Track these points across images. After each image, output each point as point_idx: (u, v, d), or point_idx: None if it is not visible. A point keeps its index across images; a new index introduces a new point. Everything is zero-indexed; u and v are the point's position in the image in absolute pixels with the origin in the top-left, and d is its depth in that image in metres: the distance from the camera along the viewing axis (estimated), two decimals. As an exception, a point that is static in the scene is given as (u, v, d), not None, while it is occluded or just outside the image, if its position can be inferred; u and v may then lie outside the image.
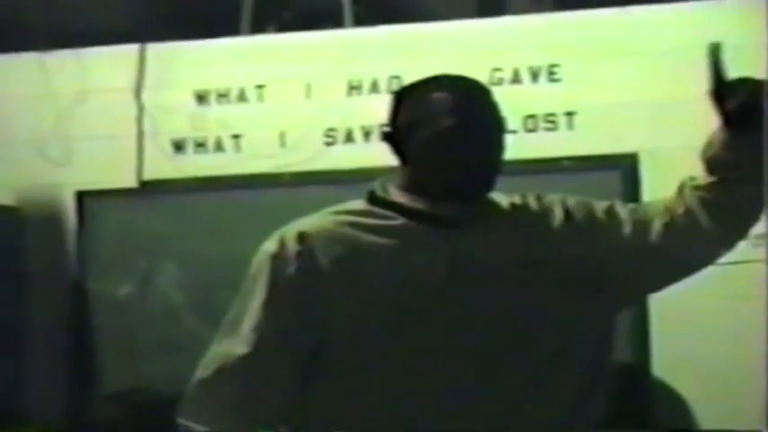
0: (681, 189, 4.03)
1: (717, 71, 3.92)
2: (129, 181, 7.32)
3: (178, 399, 5.45)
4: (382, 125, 3.91)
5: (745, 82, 3.91)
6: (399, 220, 3.74)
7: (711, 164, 3.95)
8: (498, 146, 3.80)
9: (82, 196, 7.33)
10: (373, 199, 3.78)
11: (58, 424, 6.94)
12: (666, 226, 3.90)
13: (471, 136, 3.76)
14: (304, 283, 3.65)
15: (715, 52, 3.92)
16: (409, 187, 3.76)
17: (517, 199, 3.87)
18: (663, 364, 6.78)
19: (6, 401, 6.04)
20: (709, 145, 3.96)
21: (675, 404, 6.70)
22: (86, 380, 7.16)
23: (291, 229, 3.74)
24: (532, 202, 3.88)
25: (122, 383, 6.46)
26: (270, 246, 3.73)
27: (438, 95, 3.78)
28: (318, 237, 3.70)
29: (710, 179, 3.95)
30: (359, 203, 3.79)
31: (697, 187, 3.97)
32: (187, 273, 7.10)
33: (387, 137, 3.78)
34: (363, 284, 3.68)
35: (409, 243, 3.73)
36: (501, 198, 3.87)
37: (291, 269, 3.66)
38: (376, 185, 3.79)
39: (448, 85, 3.85)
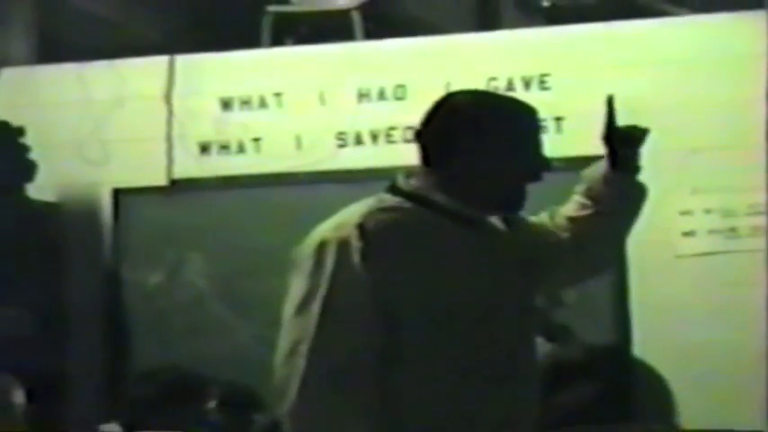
0: (552, 217, 4.23)
1: (610, 119, 4.26)
2: (160, 180, 7.32)
3: (202, 377, 5.46)
4: (408, 127, 3.96)
5: (632, 130, 4.33)
6: (432, 215, 3.76)
7: (591, 194, 4.25)
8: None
9: (117, 194, 7.37)
10: (403, 194, 3.77)
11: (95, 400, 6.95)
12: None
13: (521, 156, 3.95)
14: (368, 268, 3.59)
15: (610, 103, 4.25)
16: (447, 189, 3.78)
17: None
18: (644, 347, 6.73)
19: (49, 379, 5.99)
20: (591, 176, 4.29)
21: (656, 384, 6.68)
22: (120, 360, 7.21)
23: (348, 219, 3.69)
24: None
25: (152, 363, 6.44)
26: (333, 233, 3.66)
27: (500, 114, 3.95)
28: (375, 226, 3.66)
29: (587, 211, 4.21)
30: (388, 198, 3.77)
31: (571, 219, 4.20)
32: (212, 263, 7.11)
33: (420, 137, 3.84)
34: (421, 272, 3.66)
35: (452, 237, 3.76)
36: None
37: (356, 256, 3.60)
38: (402, 183, 3.79)
39: (506, 105, 4.08)
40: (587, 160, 6.71)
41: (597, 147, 6.72)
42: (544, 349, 5.05)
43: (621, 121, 6.68)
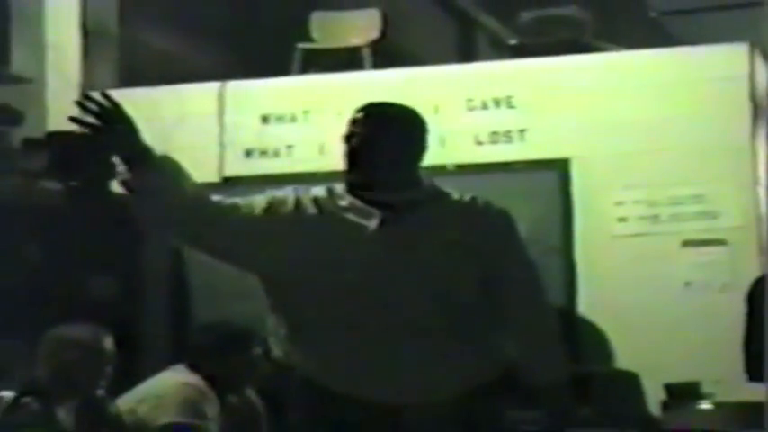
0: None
1: None
2: (214, 177, 7.27)
3: (249, 330, 5.40)
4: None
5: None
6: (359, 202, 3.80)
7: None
8: (394, 151, 3.84)
9: None
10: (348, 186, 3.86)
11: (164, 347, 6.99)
12: None
13: (369, 145, 3.83)
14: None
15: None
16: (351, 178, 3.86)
17: (466, 197, 3.91)
18: (588, 307, 6.80)
19: (130, 331, 5.99)
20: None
21: (596, 334, 6.75)
22: (183, 317, 7.22)
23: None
24: (471, 201, 3.89)
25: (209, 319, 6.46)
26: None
27: (354, 119, 3.89)
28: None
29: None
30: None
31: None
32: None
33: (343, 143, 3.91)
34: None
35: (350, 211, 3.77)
36: (451, 193, 3.91)
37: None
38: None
39: (369, 107, 3.94)
40: (545, 162, 6.89)
41: (552, 152, 6.88)
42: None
43: (570, 133, 6.83)
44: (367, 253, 3.70)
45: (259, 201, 3.86)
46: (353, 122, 3.89)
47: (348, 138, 3.87)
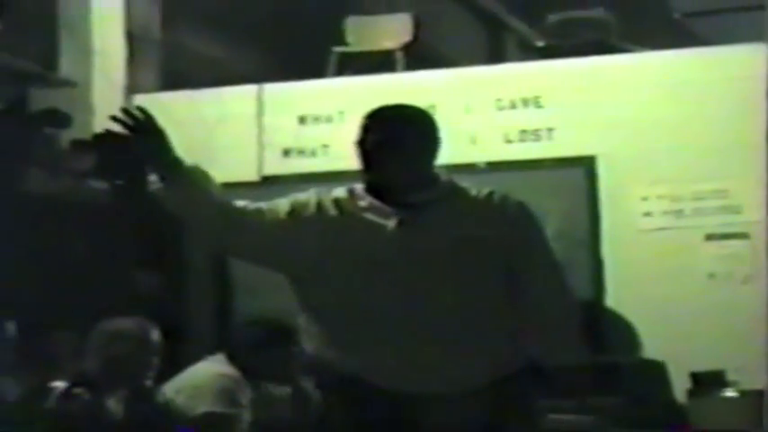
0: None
1: None
2: (253, 176, 7.33)
3: (291, 325, 5.39)
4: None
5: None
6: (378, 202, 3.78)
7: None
8: (407, 153, 3.80)
9: (224, 186, 7.25)
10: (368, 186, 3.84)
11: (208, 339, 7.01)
12: None
13: (384, 147, 3.79)
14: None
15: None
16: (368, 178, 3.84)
17: (483, 192, 3.87)
18: (616, 299, 6.79)
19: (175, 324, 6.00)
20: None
21: (624, 325, 6.74)
22: (225, 310, 7.24)
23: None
24: (488, 196, 3.85)
25: (252, 313, 6.45)
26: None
27: (368, 121, 3.86)
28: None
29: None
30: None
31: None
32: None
33: (356, 146, 3.87)
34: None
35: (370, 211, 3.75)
36: (469, 189, 3.88)
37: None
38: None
39: (381, 111, 3.90)
40: (572, 160, 6.87)
41: (579, 150, 6.87)
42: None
43: (597, 131, 6.81)
44: (387, 251, 3.70)
45: (282, 204, 3.86)
46: (367, 125, 3.88)
47: (363, 140, 3.85)
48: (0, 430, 3.77)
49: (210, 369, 5.55)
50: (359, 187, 3.85)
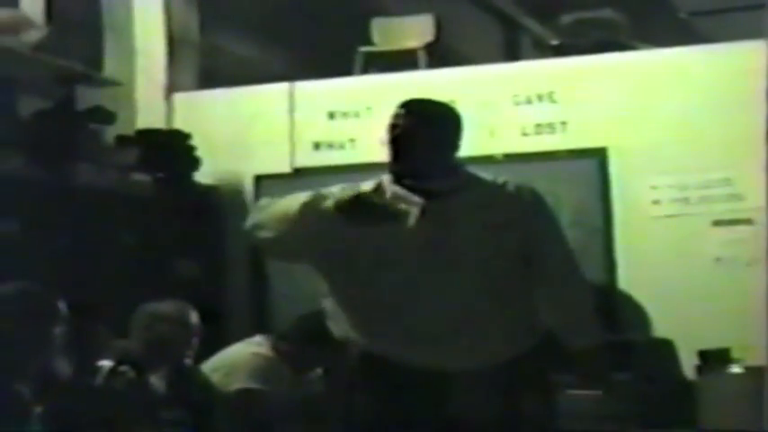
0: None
1: None
2: (286, 168, 7.33)
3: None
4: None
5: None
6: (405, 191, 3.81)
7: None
8: (433, 143, 3.82)
9: (258, 178, 7.37)
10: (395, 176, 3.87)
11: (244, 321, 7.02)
12: None
13: (412, 138, 3.82)
14: None
15: None
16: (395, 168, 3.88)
17: (499, 180, 3.92)
18: (627, 282, 6.76)
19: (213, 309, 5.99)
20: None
21: (635, 308, 6.71)
22: (260, 296, 7.27)
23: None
24: (503, 185, 3.91)
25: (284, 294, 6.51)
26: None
27: (396, 115, 3.90)
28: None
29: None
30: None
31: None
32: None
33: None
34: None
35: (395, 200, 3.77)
36: (485, 178, 3.93)
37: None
38: None
39: (408, 104, 3.94)
40: (585, 151, 6.86)
41: (592, 142, 6.85)
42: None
43: (607, 124, 6.79)
44: (412, 236, 3.71)
45: (304, 198, 3.87)
46: (395, 118, 3.91)
47: (391, 132, 3.88)
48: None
49: (246, 349, 5.58)
50: (385, 178, 3.87)
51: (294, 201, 3.84)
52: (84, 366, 4.72)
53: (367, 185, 3.87)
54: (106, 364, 4.73)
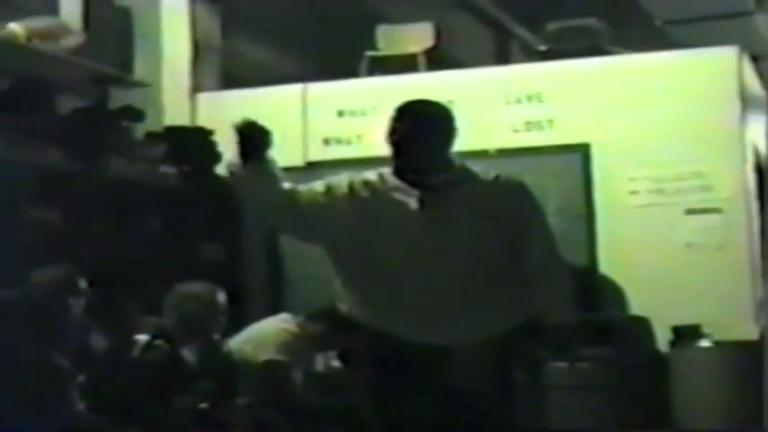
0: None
1: None
2: (299, 162, 7.29)
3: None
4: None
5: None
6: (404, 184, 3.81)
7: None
8: (433, 141, 3.85)
9: None
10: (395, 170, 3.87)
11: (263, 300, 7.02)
12: None
13: (414, 137, 3.83)
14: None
15: None
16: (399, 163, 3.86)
17: (490, 174, 3.93)
18: (607, 265, 6.79)
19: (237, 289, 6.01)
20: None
21: (614, 288, 6.74)
22: (277, 278, 7.24)
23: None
24: (495, 178, 3.91)
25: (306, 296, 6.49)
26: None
27: (402, 113, 3.90)
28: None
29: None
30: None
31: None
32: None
33: (387, 136, 3.91)
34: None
35: (396, 191, 3.79)
36: (478, 172, 3.93)
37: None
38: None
39: (410, 105, 3.94)
40: (570, 147, 6.88)
41: (576, 138, 6.87)
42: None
43: (590, 122, 6.81)
44: (412, 224, 3.73)
45: (318, 185, 3.92)
46: (397, 116, 3.91)
47: (393, 129, 3.89)
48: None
49: (273, 324, 5.61)
50: (387, 171, 3.88)
51: (311, 190, 3.89)
52: (121, 341, 4.77)
53: (370, 175, 3.89)
54: (142, 338, 4.78)
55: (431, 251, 3.73)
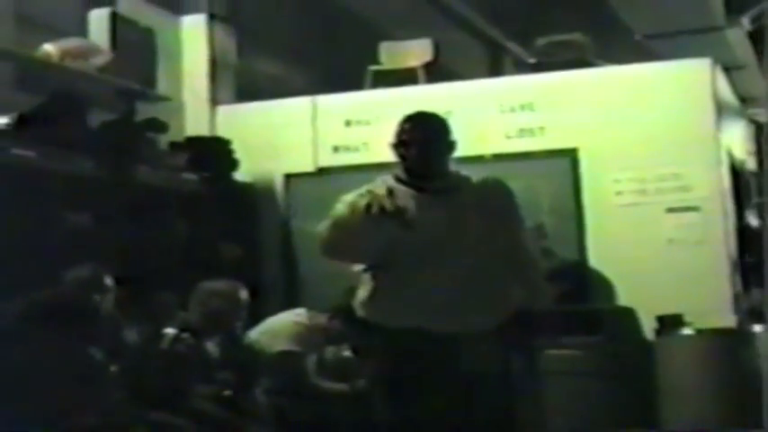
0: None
1: None
2: (310, 168, 7.32)
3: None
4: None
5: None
6: (406, 188, 3.81)
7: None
8: (438, 150, 3.85)
9: (287, 176, 7.38)
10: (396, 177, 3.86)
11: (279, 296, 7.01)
12: None
13: (421, 148, 3.82)
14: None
15: None
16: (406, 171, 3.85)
17: (480, 179, 3.94)
18: (596, 259, 6.77)
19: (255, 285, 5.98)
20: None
21: (602, 281, 6.72)
22: (291, 275, 7.22)
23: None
24: (483, 181, 3.94)
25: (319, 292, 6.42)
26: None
27: (409, 125, 3.88)
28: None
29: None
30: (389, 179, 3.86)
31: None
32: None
33: (393, 146, 3.89)
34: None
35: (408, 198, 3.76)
36: (470, 177, 3.94)
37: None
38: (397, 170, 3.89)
39: (416, 118, 3.92)
40: (559, 152, 6.88)
41: (565, 143, 6.87)
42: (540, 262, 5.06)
43: (577, 129, 6.80)
44: (412, 230, 3.69)
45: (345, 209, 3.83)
46: (403, 130, 3.91)
47: (405, 138, 3.88)
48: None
49: (288, 318, 5.61)
50: (388, 179, 3.88)
51: (348, 221, 3.77)
52: (151, 334, 4.76)
53: (379, 189, 3.84)
54: (169, 331, 4.77)
55: (438, 251, 3.74)
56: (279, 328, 5.53)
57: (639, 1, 8.56)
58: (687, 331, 6.21)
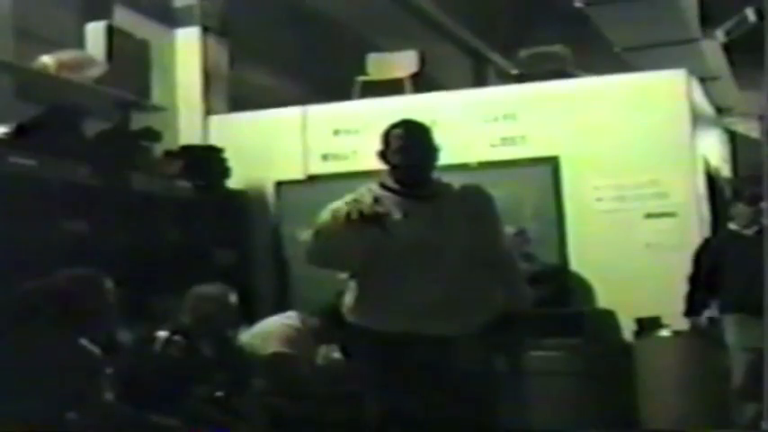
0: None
1: None
2: (300, 175, 7.32)
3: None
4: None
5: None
6: (391, 195, 3.79)
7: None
8: (425, 157, 3.84)
9: (278, 184, 7.38)
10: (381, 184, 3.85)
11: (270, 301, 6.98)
12: None
13: (410, 154, 3.81)
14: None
15: None
16: (393, 178, 3.84)
17: (460, 186, 3.94)
18: (577, 263, 6.78)
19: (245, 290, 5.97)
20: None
21: (583, 284, 6.74)
22: (283, 280, 7.23)
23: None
24: (463, 187, 3.93)
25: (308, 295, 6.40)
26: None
27: (398, 131, 3.87)
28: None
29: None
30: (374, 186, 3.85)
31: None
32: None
33: (379, 154, 3.88)
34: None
35: (393, 205, 3.75)
36: (452, 184, 3.93)
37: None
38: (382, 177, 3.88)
39: (402, 125, 3.91)
40: (541, 160, 6.87)
41: (546, 151, 6.87)
42: (523, 266, 5.09)
43: (559, 138, 6.80)
44: (397, 237, 3.69)
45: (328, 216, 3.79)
46: (390, 137, 3.89)
47: (386, 148, 3.88)
48: None
49: (279, 321, 5.59)
50: (373, 187, 3.86)
51: (330, 229, 3.72)
52: (144, 336, 4.73)
53: (365, 196, 3.81)
54: (162, 334, 4.74)
55: (422, 256, 3.72)
56: (271, 330, 5.51)
57: (618, 15, 8.56)
58: (665, 333, 6.21)
